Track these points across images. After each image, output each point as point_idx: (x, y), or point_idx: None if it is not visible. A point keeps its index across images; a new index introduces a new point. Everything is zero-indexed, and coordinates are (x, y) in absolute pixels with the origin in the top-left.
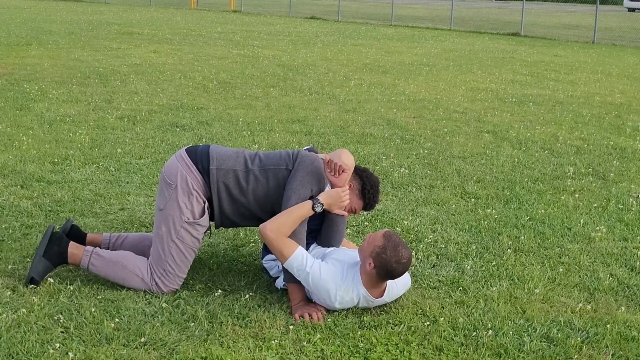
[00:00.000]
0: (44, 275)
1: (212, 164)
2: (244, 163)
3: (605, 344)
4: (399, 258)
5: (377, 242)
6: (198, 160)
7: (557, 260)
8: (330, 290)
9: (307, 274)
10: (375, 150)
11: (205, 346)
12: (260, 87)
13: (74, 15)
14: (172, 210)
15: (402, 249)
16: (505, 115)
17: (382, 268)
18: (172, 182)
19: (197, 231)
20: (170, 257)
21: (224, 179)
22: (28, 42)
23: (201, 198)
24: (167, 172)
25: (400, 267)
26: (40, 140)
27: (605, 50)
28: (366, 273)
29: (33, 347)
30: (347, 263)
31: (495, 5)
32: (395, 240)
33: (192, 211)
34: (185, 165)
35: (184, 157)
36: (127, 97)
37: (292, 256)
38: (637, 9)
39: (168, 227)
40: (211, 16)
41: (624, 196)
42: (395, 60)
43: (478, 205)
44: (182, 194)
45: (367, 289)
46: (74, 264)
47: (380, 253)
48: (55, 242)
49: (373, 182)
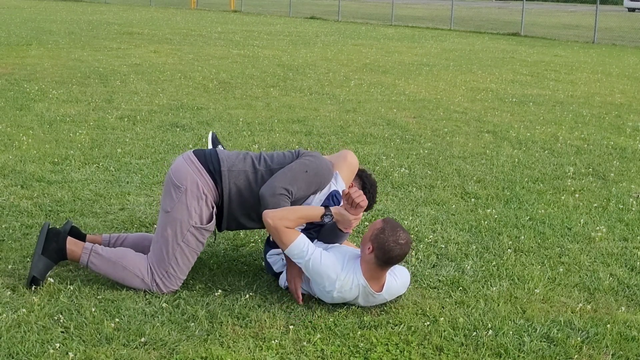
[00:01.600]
0: (46, 273)
1: (224, 166)
2: (252, 164)
3: (605, 344)
4: (397, 238)
5: (377, 225)
6: (208, 163)
7: (557, 260)
8: (330, 277)
9: (308, 261)
10: (375, 150)
11: (205, 346)
12: (260, 87)
13: (74, 15)
14: (180, 213)
15: (401, 231)
16: (505, 115)
17: (380, 249)
18: (182, 185)
19: (203, 236)
20: (173, 260)
21: (235, 180)
22: (28, 42)
23: (210, 203)
24: (176, 174)
25: (398, 248)
26: (40, 140)
27: (605, 50)
28: (366, 261)
29: (33, 347)
30: (348, 254)
31: (495, 5)
32: (394, 223)
33: (200, 216)
34: (195, 169)
35: (194, 160)
36: (127, 97)
37: (293, 243)
38: (637, 9)
39: (174, 230)
40: (211, 16)
41: (624, 196)
42: (395, 60)
43: (478, 205)
44: (191, 197)
45: (367, 280)
46: (73, 261)
47: (379, 234)
48: (53, 239)
49: (372, 182)
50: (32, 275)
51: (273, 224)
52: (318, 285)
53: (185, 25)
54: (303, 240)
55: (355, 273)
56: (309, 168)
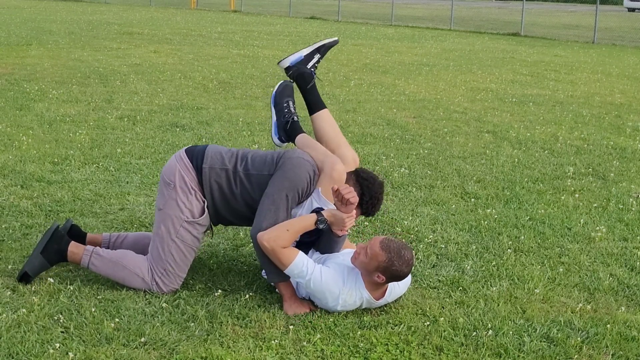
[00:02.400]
0: (39, 272)
1: (206, 163)
2: (234, 164)
3: (605, 344)
4: (407, 261)
5: (380, 258)
6: (194, 159)
7: (557, 260)
8: (333, 293)
9: (309, 280)
10: (375, 150)
11: (205, 346)
12: (260, 87)
13: (74, 15)
14: (171, 209)
15: (405, 251)
16: (505, 115)
17: (393, 277)
18: (171, 182)
19: (196, 230)
20: (170, 257)
21: (216, 177)
22: (28, 42)
23: (200, 197)
24: (166, 171)
25: (408, 268)
26: (40, 140)
27: (605, 50)
28: (374, 282)
29: (33, 347)
30: (348, 266)
31: (495, 5)
32: (395, 247)
33: (191, 210)
34: (183, 165)
35: (183, 156)
36: (127, 97)
37: (292, 263)
38: (637, 9)
39: (167, 226)
40: (211, 16)
41: (624, 196)
42: (395, 60)
43: (478, 205)
44: (181, 193)
45: (370, 292)
46: (73, 262)
47: (389, 266)
48: (56, 241)
49: (374, 192)
50: (24, 270)
51: (270, 247)
52: (320, 302)
53: (185, 25)
54: (302, 259)
55: (358, 287)
56: (288, 191)
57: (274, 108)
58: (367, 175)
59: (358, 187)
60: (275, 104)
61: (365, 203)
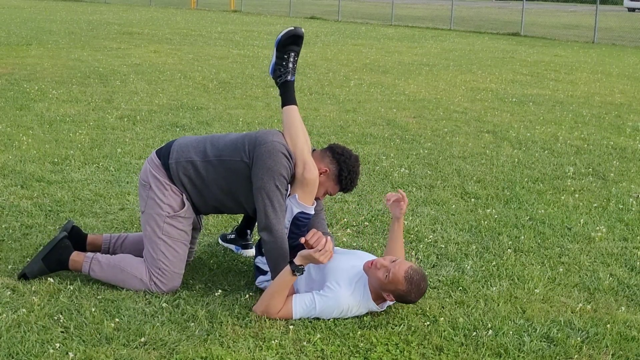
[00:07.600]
0: (37, 276)
1: (171, 158)
2: (203, 152)
3: (605, 343)
4: (421, 293)
5: (400, 286)
6: (162, 157)
7: (557, 260)
8: (342, 310)
9: (319, 312)
10: (375, 150)
11: (205, 346)
12: (260, 87)
13: (74, 15)
14: (152, 208)
15: (423, 283)
16: (505, 115)
17: (402, 301)
18: (146, 183)
19: (181, 224)
20: (161, 255)
21: (183, 171)
22: (28, 42)
23: (177, 190)
24: (142, 175)
25: (419, 298)
26: (40, 140)
27: (605, 50)
28: (381, 296)
29: (33, 347)
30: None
31: (495, 5)
32: (417, 279)
33: (170, 205)
34: (154, 165)
35: (153, 157)
36: (127, 97)
37: (295, 312)
38: (637, 9)
39: (152, 226)
40: (211, 16)
41: (624, 196)
42: (395, 60)
43: (478, 205)
44: (157, 191)
45: (375, 300)
46: (75, 271)
47: (405, 295)
48: (59, 251)
49: (351, 167)
50: (23, 272)
51: (268, 314)
52: (329, 316)
53: (185, 25)
54: (301, 302)
55: (365, 299)
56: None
57: (275, 49)
58: (342, 150)
59: (335, 163)
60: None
61: (345, 178)
